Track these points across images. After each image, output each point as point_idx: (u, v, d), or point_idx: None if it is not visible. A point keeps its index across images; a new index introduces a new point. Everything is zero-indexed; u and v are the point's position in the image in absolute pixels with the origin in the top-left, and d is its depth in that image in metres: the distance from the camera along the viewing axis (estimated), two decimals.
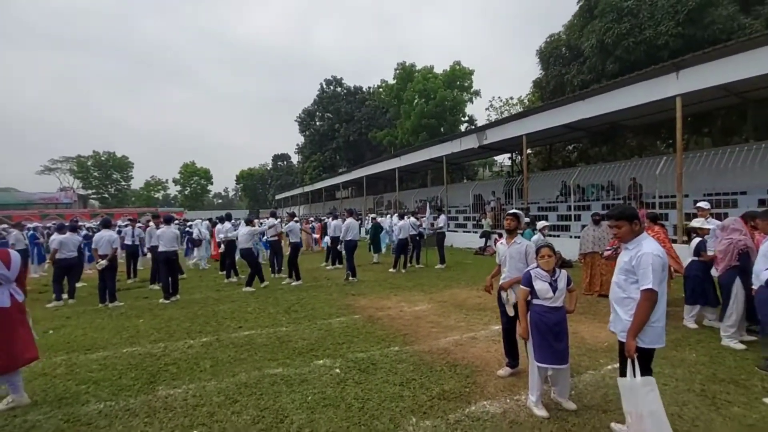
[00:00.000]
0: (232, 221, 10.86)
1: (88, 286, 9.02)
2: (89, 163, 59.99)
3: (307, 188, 41.21)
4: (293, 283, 8.92)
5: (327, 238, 12.63)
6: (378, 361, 4.27)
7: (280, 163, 67.39)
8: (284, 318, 6.18)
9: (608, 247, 6.20)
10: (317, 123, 45.86)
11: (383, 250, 13.81)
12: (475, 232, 16.74)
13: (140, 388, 3.72)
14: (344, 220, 10.01)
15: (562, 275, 3.24)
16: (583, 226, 8.71)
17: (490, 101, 33.69)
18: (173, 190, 70.83)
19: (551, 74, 19.55)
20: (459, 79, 31.10)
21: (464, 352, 4.51)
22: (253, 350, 4.69)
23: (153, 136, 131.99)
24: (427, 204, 16.69)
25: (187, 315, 6.49)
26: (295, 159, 60.35)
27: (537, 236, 6.72)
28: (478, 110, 61.98)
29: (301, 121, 47.44)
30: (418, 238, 11.45)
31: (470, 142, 17.12)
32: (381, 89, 37.28)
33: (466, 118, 32.69)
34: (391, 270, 10.61)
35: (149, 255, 9.82)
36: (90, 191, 60.87)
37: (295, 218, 9.89)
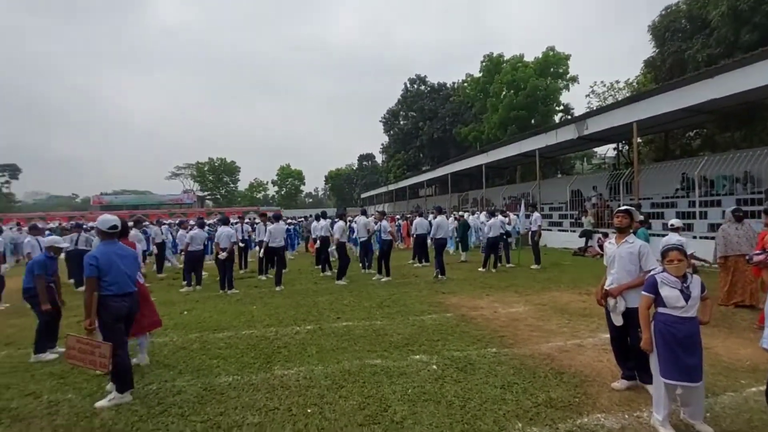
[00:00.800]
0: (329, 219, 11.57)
1: (208, 275, 10.38)
2: (206, 169, 68.90)
3: (392, 187, 42.02)
4: (383, 279, 9.18)
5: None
6: (475, 361, 4.20)
7: (365, 162, 69.83)
8: (378, 312, 6.40)
9: (757, 251, 5.21)
10: (401, 122, 46.49)
11: (471, 247, 13.50)
12: (573, 231, 15.45)
13: (260, 367, 4.18)
14: (434, 217, 10.01)
15: (695, 281, 2.84)
16: (712, 225, 7.48)
17: (591, 87, 30.61)
18: (272, 190, 77.95)
19: (668, 51, 17.15)
20: (553, 65, 28.89)
21: (570, 360, 4.21)
22: (352, 340, 4.96)
23: (256, 142, 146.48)
24: (522, 201, 15.86)
25: (292, 304, 7.10)
26: (379, 158, 62.08)
27: (671, 236, 5.83)
28: (575, 98, 57.05)
29: (385, 121, 48.55)
30: (506, 237, 10.96)
31: (568, 133, 15.82)
32: (466, 84, 36.34)
33: (561, 108, 30.26)
34: (480, 269, 10.33)
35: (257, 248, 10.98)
36: (206, 193, 69.86)
37: (385, 216, 10.13)
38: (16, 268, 10.98)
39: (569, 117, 26.54)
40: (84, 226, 12.05)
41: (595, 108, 20.74)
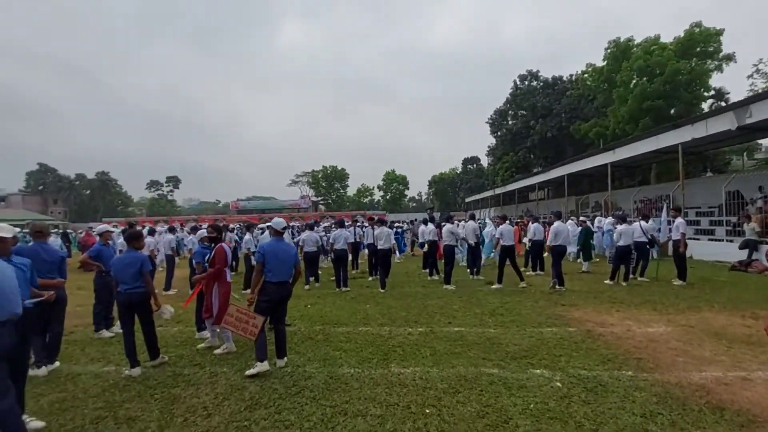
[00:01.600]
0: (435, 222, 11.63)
1: (323, 274, 11.31)
2: (319, 176, 75.41)
3: (498, 190, 40.26)
4: (493, 287, 8.85)
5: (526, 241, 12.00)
6: (607, 383, 3.78)
7: (469, 166, 68.27)
8: (490, 320, 6.20)
9: None
10: (509, 122, 44.30)
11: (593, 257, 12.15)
12: (731, 241, 12.79)
13: (377, 363, 4.42)
14: (551, 223, 9.29)
15: None
16: None
17: (755, 65, 24.97)
18: (377, 195, 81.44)
19: None
20: (699, 44, 24.42)
21: (732, 395, 3.50)
22: (466, 346, 4.89)
23: (363, 149, 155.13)
24: (664, 206, 13.75)
25: (403, 306, 7.31)
26: (485, 161, 60.02)
27: None
28: (731, 80, 47.05)
29: (492, 122, 46.81)
30: (648, 246, 9.57)
31: (722, 123, 13.17)
32: (586, 75, 32.97)
33: (712, 93, 25.37)
34: (607, 282, 9.23)
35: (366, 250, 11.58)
36: (319, 198, 76.37)
37: (507, 221, 9.69)
38: (180, 261, 13.46)
39: (723, 104, 22.09)
40: (228, 227, 14.30)
41: (761, 90, 16.83)
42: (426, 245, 10.93)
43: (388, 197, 77.12)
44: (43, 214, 60.83)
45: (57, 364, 4.56)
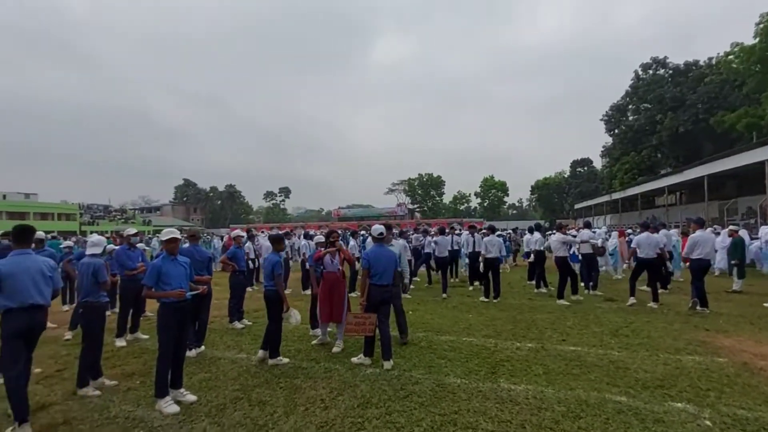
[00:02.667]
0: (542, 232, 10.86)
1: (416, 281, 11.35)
2: (416, 183, 76.35)
3: (616, 195, 35.83)
4: (629, 303, 7.80)
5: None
6: None
7: (579, 169, 62.33)
8: (613, 341, 5.53)
9: None
10: (630, 118, 39.39)
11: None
12: None
13: (485, 375, 4.27)
14: (690, 232, 7.95)
15: None
16: None
17: None
18: (474, 202, 79.23)
19: None
20: None
21: None
22: (585, 368, 4.44)
23: (459, 155, 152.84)
24: None
25: (508, 318, 6.96)
26: (598, 163, 54.17)
27: None
28: None
29: (608, 120, 42.15)
30: None
31: None
32: (731, 56, 27.66)
33: None
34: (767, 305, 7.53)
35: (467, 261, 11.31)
36: (415, 205, 77.22)
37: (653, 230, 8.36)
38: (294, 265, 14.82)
39: None
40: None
41: None
42: (532, 255, 10.27)
43: (485, 204, 74.54)
44: (186, 221, 72.94)
45: (203, 348, 5.39)
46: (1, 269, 3.31)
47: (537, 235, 10.29)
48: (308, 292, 8.39)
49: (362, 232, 15.14)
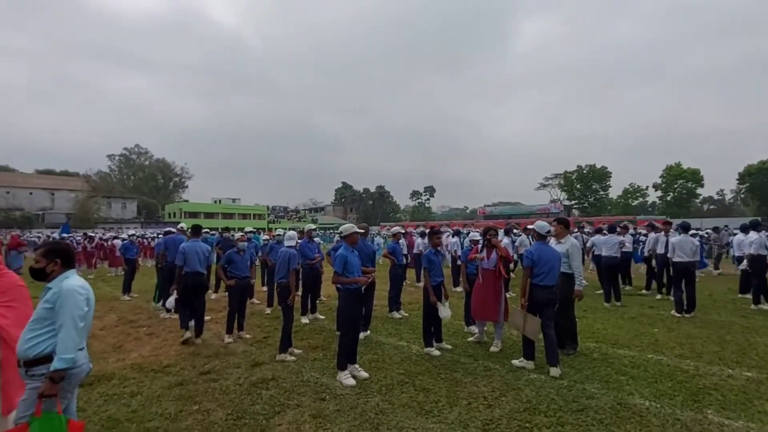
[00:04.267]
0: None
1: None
2: (573, 177, 68.27)
3: None
4: None
5: None
6: None
7: None
8: None
9: None
10: None
11: None
12: None
13: (683, 402, 3.54)
14: None
15: None
16: None
17: None
18: (653, 196, 66.24)
19: None
20: None
21: None
22: None
23: (628, 142, 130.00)
24: None
25: (711, 337, 5.61)
26: None
27: None
28: None
29: None
30: None
31: None
32: None
33: None
34: None
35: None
36: (573, 202, 69.06)
37: None
38: None
39: None
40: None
41: None
42: (746, 260, 8.02)
43: (669, 198, 61.33)
44: (344, 219, 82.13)
45: (369, 332, 5.98)
46: (187, 249, 5.71)
47: (753, 235, 7.96)
48: (459, 288, 8.46)
49: (514, 230, 14.30)
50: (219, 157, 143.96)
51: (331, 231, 40.31)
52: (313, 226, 7.70)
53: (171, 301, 5.86)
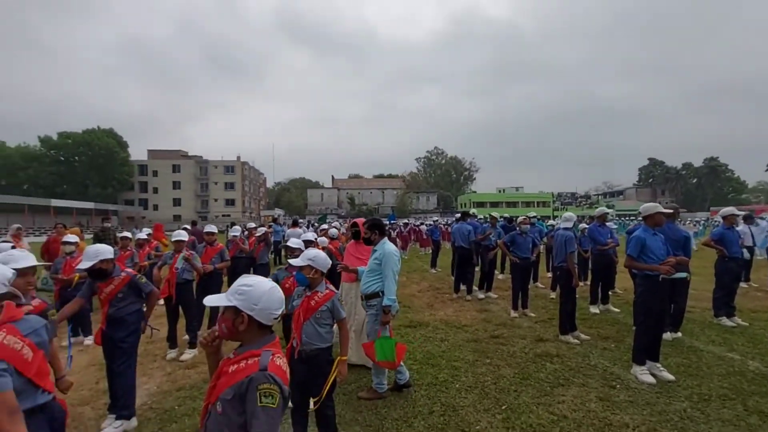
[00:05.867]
0: None
1: None
2: None
3: None
4: None
5: None
6: None
7: None
8: None
9: None
10: None
11: None
12: None
13: None
14: None
15: None
16: None
17: None
18: None
19: None
20: None
21: None
22: None
23: None
24: None
25: None
26: None
27: None
28: None
29: None
30: None
31: None
32: None
33: None
34: None
35: None
36: None
37: None
38: None
39: None
40: None
41: None
42: None
43: None
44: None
45: (679, 334, 4.98)
46: (454, 229, 7.12)
47: None
48: None
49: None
50: (501, 149, 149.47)
51: (632, 218, 34.12)
52: (607, 210, 7.02)
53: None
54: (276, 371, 1.29)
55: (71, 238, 5.40)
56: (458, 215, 9.27)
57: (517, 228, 6.61)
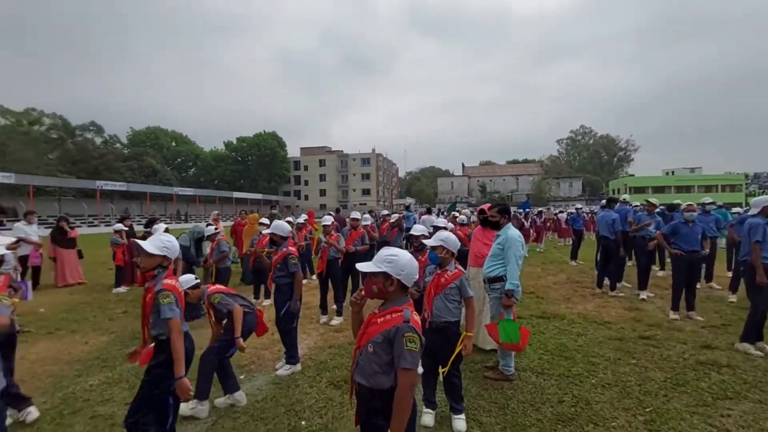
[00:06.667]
0: None
1: None
2: None
3: None
4: None
5: None
6: None
7: None
8: None
9: None
10: None
11: None
12: None
13: None
14: None
15: None
16: None
17: None
18: None
19: None
20: None
21: None
22: None
23: None
24: None
25: None
26: None
27: None
28: None
29: None
30: None
31: None
32: None
33: None
34: None
35: None
36: None
37: None
38: None
39: None
40: None
41: None
42: None
43: None
44: None
45: None
46: (598, 218, 6.44)
47: None
48: None
49: None
50: (667, 124, 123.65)
51: None
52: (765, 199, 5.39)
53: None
54: (415, 324, 1.63)
55: (264, 221, 7.22)
56: (603, 202, 8.27)
57: (682, 216, 5.63)
